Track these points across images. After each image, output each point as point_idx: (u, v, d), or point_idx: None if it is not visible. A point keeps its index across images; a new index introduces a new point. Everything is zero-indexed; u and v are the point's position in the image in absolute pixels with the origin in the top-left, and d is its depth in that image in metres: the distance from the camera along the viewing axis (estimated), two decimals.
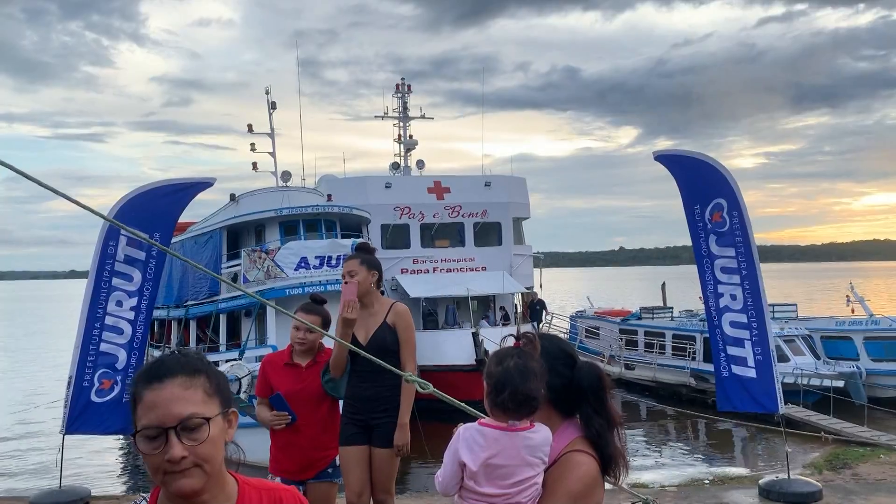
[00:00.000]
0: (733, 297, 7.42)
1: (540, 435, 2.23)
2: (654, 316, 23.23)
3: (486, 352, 17.87)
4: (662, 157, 8.03)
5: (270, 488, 1.71)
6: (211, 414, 1.53)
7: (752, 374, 7.19)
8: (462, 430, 2.28)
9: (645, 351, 21.96)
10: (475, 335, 18.18)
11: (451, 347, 18.54)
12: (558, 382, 2.32)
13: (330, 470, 4.37)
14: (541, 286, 25.05)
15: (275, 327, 16.25)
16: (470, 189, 23.57)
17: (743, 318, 7.34)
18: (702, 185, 7.74)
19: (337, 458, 4.40)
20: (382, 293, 4.60)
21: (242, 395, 14.39)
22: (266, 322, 16.73)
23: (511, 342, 2.33)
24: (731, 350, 7.37)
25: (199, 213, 20.97)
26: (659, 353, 21.30)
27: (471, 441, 2.22)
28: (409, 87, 26.20)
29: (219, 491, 1.57)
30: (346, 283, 4.20)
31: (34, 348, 39.60)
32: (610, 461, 2.31)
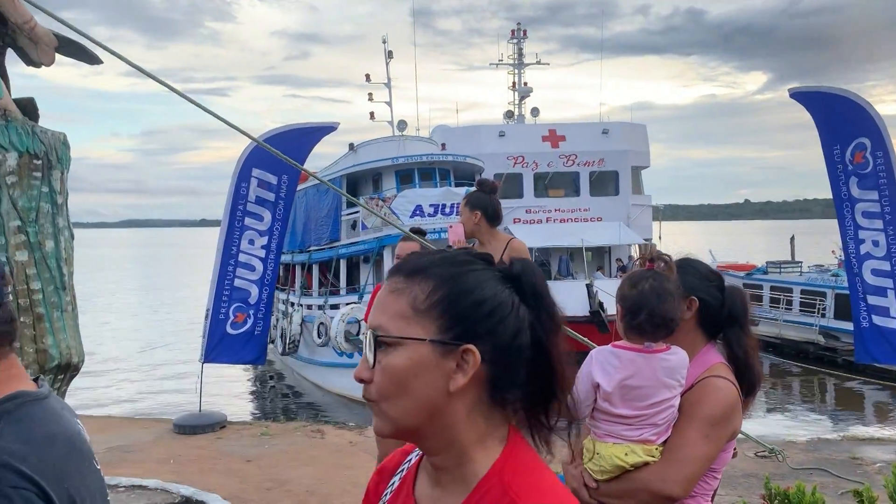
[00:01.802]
0: (875, 244, 6.95)
1: (677, 357, 2.19)
2: (782, 270, 22.15)
3: (600, 304, 17.65)
4: (799, 95, 7.54)
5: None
6: (407, 334, 1.04)
7: (895, 324, 6.76)
8: (595, 352, 2.27)
9: (770, 306, 21.04)
10: (589, 287, 17.97)
11: (564, 298, 18.27)
12: (712, 304, 2.29)
13: None
14: (660, 238, 24.36)
15: None
16: (586, 137, 23.04)
17: (886, 266, 6.87)
18: (843, 123, 7.22)
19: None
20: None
21: (361, 337, 14.96)
22: (383, 267, 17.20)
23: (642, 264, 2.30)
24: (872, 300, 6.93)
25: (318, 164, 21.63)
26: (785, 308, 20.35)
27: (605, 363, 2.22)
28: (524, 32, 25.72)
29: (452, 462, 1.06)
30: (450, 227, 4.23)
31: (171, 289, 42.62)
32: (752, 388, 2.27)
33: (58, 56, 4.53)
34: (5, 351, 1.15)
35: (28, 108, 4.22)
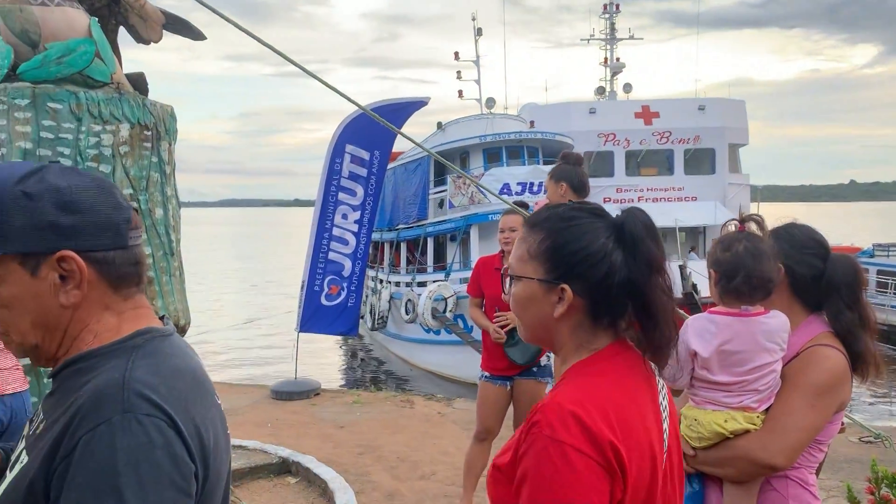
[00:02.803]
0: None
1: (776, 320, 2.11)
2: (890, 253, 20.90)
3: (693, 286, 17.17)
4: None
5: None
6: (523, 273, 1.39)
7: None
8: (690, 320, 2.22)
9: (877, 291, 19.92)
10: (682, 268, 17.49)
11: None
12: (807, 274, 2.19)
13: (535, 369, 4.46)
14: None
15: (478, 250, 16.75)
16: (681, 113, 22.31)
17: None
18: None
19: (544, 358, 4.50)
20: None
21: (448, 314, 15.14)
22: (470, 245, 17.27)
23: (734, 227, 2.22)
24: None
25: (405, 145, 21.84)
26: (894, 294, 19.22)
27: (701, 329, 2.16)
28: (617, 6, 25.06)
29: (559, 361, 1.42)
30: (536, 204, 4.19)
31: (268, 265, 44.17)
32: (858, 359, 2.15)
33: (159, 42, 4.73)
34: (133, 291, 1.21)
35: (138, 82, 4.44)
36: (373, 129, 8.53)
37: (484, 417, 4.59)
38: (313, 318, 8.31)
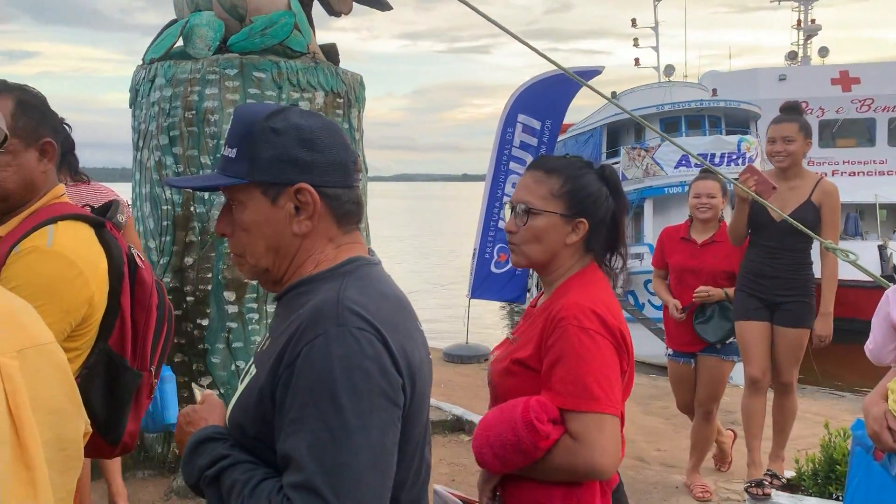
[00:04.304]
0: None
1: None
2: None
3: (894, 267, 15.60)
4: None
5: None
6: (547, 209, 1.77)
7: None
8: (891, 291, 2.06)
9: None
10: (882, 248, 15.92)
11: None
12: None
13: (719, 346, 4.26)
14: None
15: (651, 225, 16.19)
16: (886, 79, 20.10)
17: None
18: None
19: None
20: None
21: (618, 290, 14.80)
22: (643, 220, 16.73)
23: None
24: None
25: (577, 117, 21.44)
26: None
27: None
28: None
29: (553, 278, 1.82)
30: (750, 168, 3.90)
31: (440, 236, 45.45)
32: None
33: (340, 23, 4.96)
34: (352, 228, 1.32)
35: (330, 52, 4.71)
36: (545, 98, 8.47)
37: (679, 395, 4.49)
38: (483, 284, 8.46)
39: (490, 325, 16.31)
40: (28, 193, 1.73)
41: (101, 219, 1.79)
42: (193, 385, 1.45)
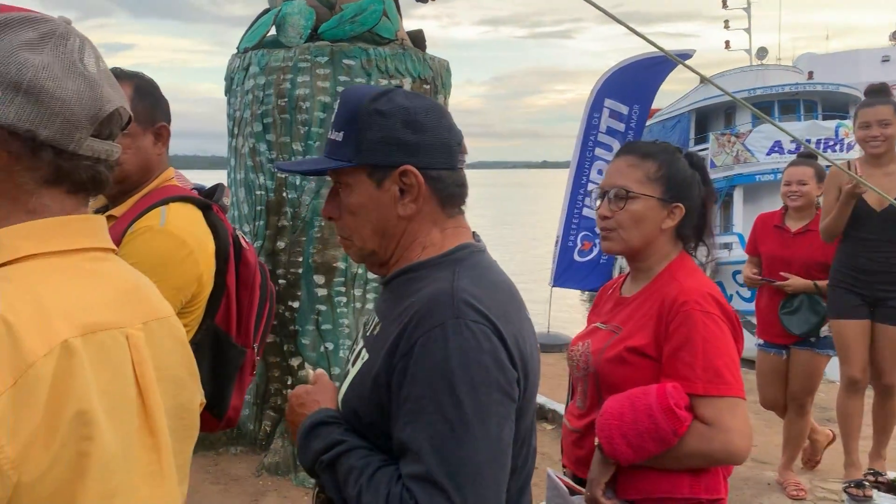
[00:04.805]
0: None
1: None
2: None
3: None
4: None
5: None
6: (645, 192, 1.77)
7: None
8: None
9: None
10: None
11: None
12: None
13: (813, 340, 4.07)
14: None
15: (742, 214, 15.64)
16: None
17: None
18: None
19: (825, 329, 4.09)
20: None
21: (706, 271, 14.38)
22: (732, 208, 16.18)
23: None
24: None
25: (664, 102, 20.86)
26: None
27: None
28: None
29: (647, 265, 1.83)
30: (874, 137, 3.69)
31: (521, 224, 45.28)
32: None
33: (421, 11, 4.96)
34: (456, 211, 1.31)
35: (417, 38, 4.73)
36: (634, 83, 8.27)
37: (765, 389, 4.33)
38: (566, 273, 8.36)
39: (571, 313, 16.17)
40: (143, 175, 1.82)
41: (209, 201, 1.86)
42: (306, 366, 1.49)
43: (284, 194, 4.30)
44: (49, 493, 0.80)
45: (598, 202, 1.83)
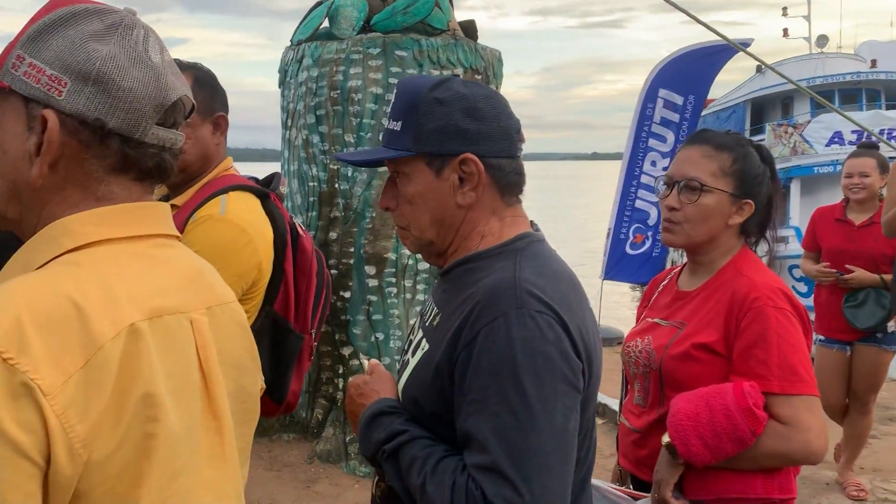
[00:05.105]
0: None
1: None
2: None
3: None
4: None
5: None
6: (717, 186, 1.71)
7: None
8: None
9: None
10: None
11: None
12: None
13: (879, 335, 3.93)
14: None
15: (798, 207, 15.22)
16: None
17: None
18: None
19: (891, 324, 3.94)
20: None
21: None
22: (789, 202, 15.75)
23: None
24: None
25: (717, 92, 20.38)
26: None
27: None
28: None
29: (709, 258, 1.78)
30: None
31: (570, 217, 44.93)
32: None
33: (470, 1, 4.93)
34: (514, 200, 1.30)
35: (469, 29, 4.71)
36: (689, 72, 8.10)
37: (823, 387, 4.18)
38: (618, 266, 8.24)
39: (621, 307, 15.99)
40: (203, 165, 1.85)
41: (266, 190, 1.88)
42: (360, 355, 1.50)
43: (336, 185, 4.34)
44: (116, 472, 0.81)
45: (665, 190, 1.76)
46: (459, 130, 1.21)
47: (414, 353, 1.29)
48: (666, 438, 1.60)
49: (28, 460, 0.75)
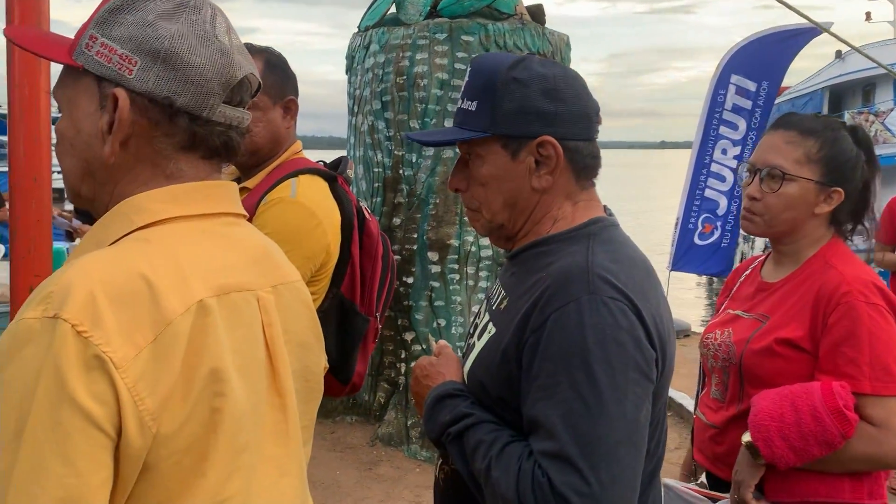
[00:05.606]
0: None
1: None
2: None
3: None
4: None
5: None
6: (802, 175, 1.61)
7: None
8: None
9: None
10: None
11: None
12: None
13: None
14: None
15: (878, 197, 14.54)
16: None
17: None
18: None
19: None
20: None
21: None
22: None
23: None
24: None
25: (792, 80, 19.62)
26: None
27: None
28: None
29: (795, 248, 1.69)
30: None
31: (638, 207, 44.18)
32: None
33: None
34: (589, 184, 1.25)
35: (537, 13, 4.64)
36: (763, 58, 7.81)
37: None
38: (685, 256, 8.02)
39: (688, 298, 15.64)
40: (274, 148, 1.87)
41: (334, 173, 1.89)
42: (429, 336, 1.49)
43: (401, 171, 4.36)
44: (184, 446, 0.83)
45: (747, 178, 1.67)
46: (538, 112, 1.17)
47: (480, 337, 1.26)
48: (747, 437, 1.52)
49: (100, 431, 0.76)
